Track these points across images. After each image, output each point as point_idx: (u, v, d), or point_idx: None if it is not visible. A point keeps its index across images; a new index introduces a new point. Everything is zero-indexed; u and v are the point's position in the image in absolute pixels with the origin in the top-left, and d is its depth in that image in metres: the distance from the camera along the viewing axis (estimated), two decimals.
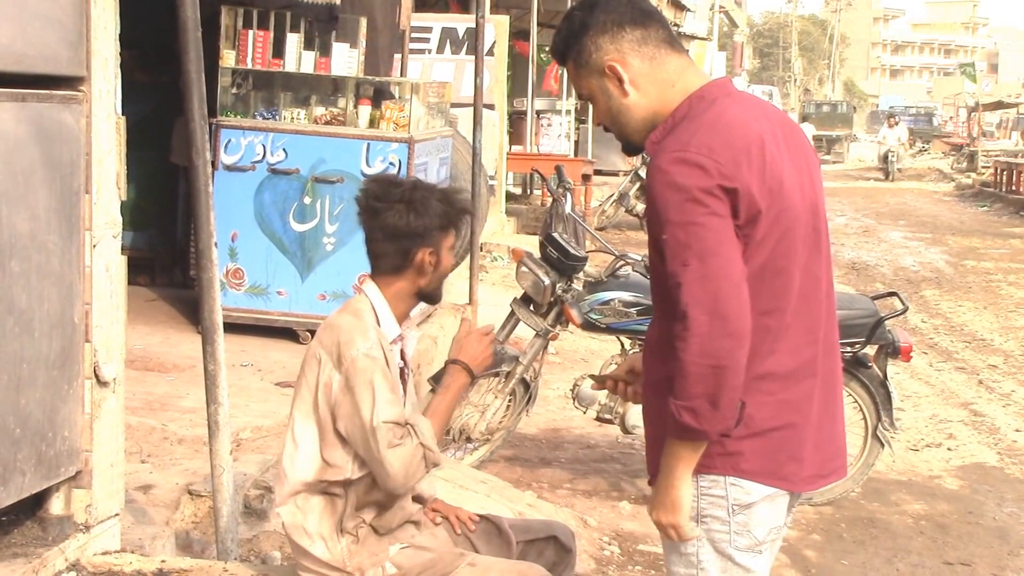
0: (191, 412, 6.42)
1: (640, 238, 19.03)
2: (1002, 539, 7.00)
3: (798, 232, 3.05)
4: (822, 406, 3.13)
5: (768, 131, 3.06)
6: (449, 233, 3.85)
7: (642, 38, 3.12)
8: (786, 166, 3.05)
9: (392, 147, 8.61)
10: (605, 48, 3.11)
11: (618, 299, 6.82)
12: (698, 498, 3.07)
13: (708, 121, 3.02)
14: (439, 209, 3.80)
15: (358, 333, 3.70)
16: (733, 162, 2.93)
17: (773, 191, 2.98)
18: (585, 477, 7.46)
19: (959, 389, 10.60)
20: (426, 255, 3.80)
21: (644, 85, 3.12)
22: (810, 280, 3.10)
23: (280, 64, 8.92)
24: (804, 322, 3.08)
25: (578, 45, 3.15)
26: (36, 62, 3.90)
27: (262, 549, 5.03)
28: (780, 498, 3.12)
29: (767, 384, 3.02)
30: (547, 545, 4.08)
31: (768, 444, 3.04)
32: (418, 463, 3.64)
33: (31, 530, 4.20)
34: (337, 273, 8.64)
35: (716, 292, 2.88)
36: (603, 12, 3.13)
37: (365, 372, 3.63)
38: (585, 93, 3.22)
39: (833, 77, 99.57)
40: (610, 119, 3.20)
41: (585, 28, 3.13)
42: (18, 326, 3.81)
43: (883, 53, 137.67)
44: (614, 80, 3.12)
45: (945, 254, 19.74)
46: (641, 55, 3.11)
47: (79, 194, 4.11)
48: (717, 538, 3.09)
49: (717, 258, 2.90)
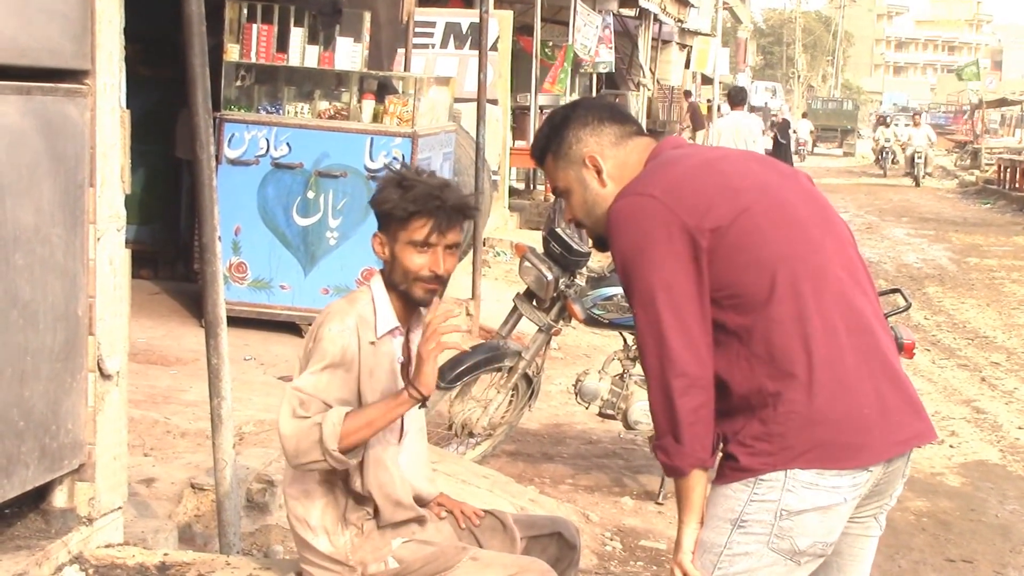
0: (194, 405, 6.43)
1: None
2: (1004, 536, 7.00)
3: (787, 219, 3.14)
4: (879, 376, 3.14)
5: (709, 157, 3.27)
6: (410, 225, 3.66)
7: (619, 132, 3.32)
8: (746, 173, 3.19)
9: (395, 142, 8.62)
10: (585, 140, 3.31)
11: (621, 294, 6.81)
12: (746, 503, 3.10)
13: (651, 168, 3.24)
14: (411, 196, 3.64)
15: (337, 315, 3.71)
16: (668, 191, 3.10)
17: (730, 195, 3.10)
18: (587, 473, 7.47)
19: (962, 386, 10.60)
20: (377, 242, 3.75)
21: (618, 175, 3.29)
22: (822, 260, 3.15)
23: (284, 58, 8.93)
24: (830, 301, 3.12)
25: (558, 137, 3.33)
26: (41, 55, 3.90)
27: (265, 543, 5.04)
28: (835, 510, 3.10)
29: (815, 370, 3.06)
30: (551, 541, 4.07)
31: (828, 428, 3.06)
32: (310, 444, 3.53)
33: (34, 523, 4.20)
34: (340, 267, 8.65)
35: (661, 338, 3.06)
36: (584, 109, 3.38)
37: (320, 344, 3.64)
38: (561, 186, 3.38)
39: (837, 74, 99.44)
40: (585, 211, 3.36)
41: (567, 122, 3.34)
42: (22, 319, 3.81)
43: (887, 50, 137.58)
44: (592, 172, 3.31)
45: (948, 251, 19.74)
46: (616, 148, 3.31)
47: (83, 187, 4.11)
48: (754, 538, 3.12)
49: (661, 307, 3.06)
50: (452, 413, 6.93)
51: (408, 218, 3.66)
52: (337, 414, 3.56)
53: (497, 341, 7.14)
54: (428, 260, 3.69)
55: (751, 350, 3.07)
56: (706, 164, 3.18)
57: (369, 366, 3.70)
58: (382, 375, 3.73)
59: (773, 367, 3.07)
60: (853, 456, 3.08)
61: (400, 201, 3.66)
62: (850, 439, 3.07)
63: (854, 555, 3.34)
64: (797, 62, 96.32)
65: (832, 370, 3.07)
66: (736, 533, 3.11)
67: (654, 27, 29.88)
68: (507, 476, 6.88)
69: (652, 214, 3.07)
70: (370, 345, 3.70)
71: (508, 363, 6.96)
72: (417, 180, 3.70)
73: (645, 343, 3.09)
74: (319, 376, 3.61)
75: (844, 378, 3.09)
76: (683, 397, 3.03)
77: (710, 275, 3.06)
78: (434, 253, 3.69)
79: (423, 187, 3.68)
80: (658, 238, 3.05)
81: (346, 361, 3.64)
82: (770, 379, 3.07)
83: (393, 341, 3.79)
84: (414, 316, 3.88)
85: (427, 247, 3.68)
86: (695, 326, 3.06)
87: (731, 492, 3.13)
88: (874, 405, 3.10)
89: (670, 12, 30.22)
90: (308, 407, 3.56)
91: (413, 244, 3.68)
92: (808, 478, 3.06)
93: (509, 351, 7.00)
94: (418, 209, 3.65)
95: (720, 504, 3.15)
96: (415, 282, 3.71)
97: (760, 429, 3.08)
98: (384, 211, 3.70)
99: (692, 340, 3.05)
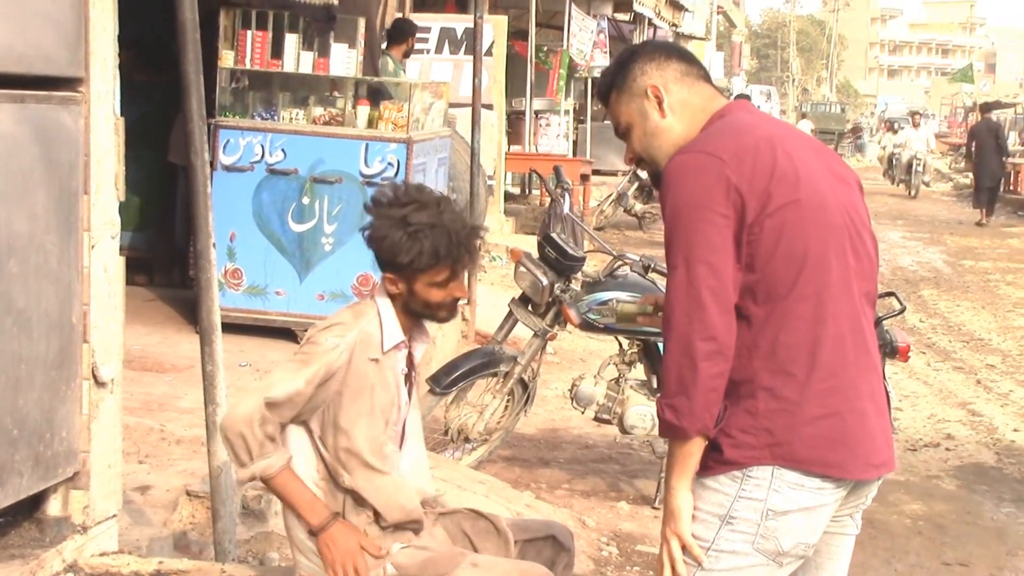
0: (189, 412, 6.42)
1: (639, 238, 19.04)
2: (1000, 539, 7.00)
3: (828, 224, 3.14)
4: (869, 397, 3.19)
5: (780, 135, 3.21)
6: (431, 270, 3.67)
7: (684, 71, 3.34)
8: (807, 166, 3.17)
9: (390, 147, 8.61)
10: (650, 73, 3.32)
11: (616, 299, 6.81)
12: (735, 499, 3.11)
13: (720, 127, 3.22)
14: (430, 246, 3.63)
15: (339, 328, 3.71)
16: (737, 157, 3.08)
17: (788, 182, 3.09)
18: (583, 477, 7.46)
19: (957, 389, 10.60)
20: (388, 282, 3.74)
21: (680, 111, 3.30)
22: (847, 272, 3.17)
23: (279, 64, 8.93)
24: (846, 313, 3.15)
25: (624, 71, 3.35)
26: (35, 63, 3.90)
27: (260, 550, 5.03)
28: (819, 511, 3.14)
29: (814, 373, 3.09)
30: (545, 545, 4.07)
31: (817, 432, 3.09)
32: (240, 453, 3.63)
33: (28, 531, 4.20)
34: (335, 273, 8.64)
35: (698, 299, 3.03)
36: (652, 46, 3.45)
37: (312, 347, 3.66)
38: (624, 121, 3.39)
39: (831, 77, 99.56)
40: (644, 144, 3.36)
41: (634, 56, 3.37)
42: (16, 326, 3.81)
43: (881, 53, 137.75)
44: (654, 102, 3.31)
45: (943, 254, 19.75)
46: (681, 84, 3.32)
47: (78, 195, 4.11)
48: (741, 536, 3.13)
49: (704, 266, 3.05)
50: (448, 418, 6.93)
51: (428, 268, 3.68)
52: (279, 461, 3.63)
53: (493, 346, 7.13)
54: (452, 289, 3.75)
55: (755, 340, 3.09)
56: (774, 142, 3.15)
57: (369, 383, 3.70)
58: (383, 388, 3.74)
59: (773, 361, 3.08)
60: (834, 466, 3.11)
61: (419, 255, 3.64)
62: (833, 450, 3.10)
63: (832, 554, 3.37)
64: (792, 65, 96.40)
65: (832, 379, 3.10)
66: (724, 529, 3.13)
67: (649, 31, 29.87)
68: (503, 481, 6.87)
69: (716, 175, 3.06)
70: (371, 362, 3.70)
71: (504, 368, 6.96)
72: (421, 223, 3.65)
73: (676, 299, 3.06)
74: (297, 383, 3.62)
75: (841, 390, 3.11)
76: (707, 361, 3.02)
77: (745, 254, 3.07)
78: (457, 282, 3.75)
79: (436, 232, 3.66)
80: (716, 200, 3.05)
81: (330, 375, 3.65)
82: (767, 372, 3.09)
83: (398, 355, 3.80)
84: (416, 327, 3.89)
85: (451, 282, 3.73)
86: (731, 295, 3.06)
87: (718, 486, 3.14)
88: (861, 424, 3.15)
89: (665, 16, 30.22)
90: (271, 419, 3.61)
91: (435, 284, 3.71)
92: (794, 478, 3.09)
93: (505, 356, 6.99)
94: (439, 261, 3.67)
95: (708, 498, 3.15)
96: (438, 309, 3.76)
97: (746, 421, 3.10)
98: (400, 262, 3.67)
99: (727, 307, 3.05)
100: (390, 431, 3.80)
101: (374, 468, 3.75)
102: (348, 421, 3.70)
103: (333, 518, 3.69)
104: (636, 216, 20.07)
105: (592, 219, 18.64)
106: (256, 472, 3.63)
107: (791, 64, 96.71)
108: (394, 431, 3.83)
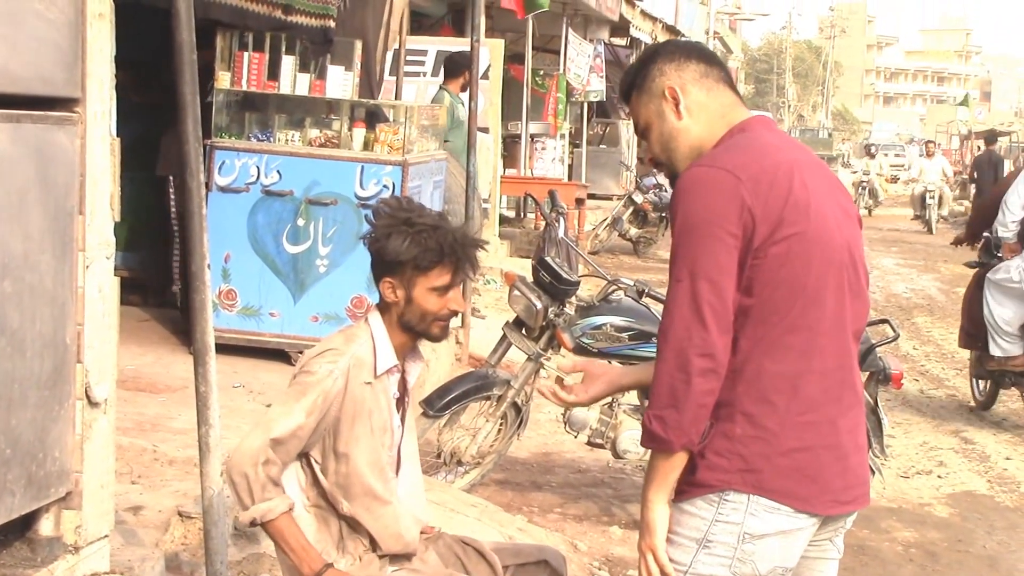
0: (182, 433, 6.41)
1: (633, 263, 19.06)
2: (992, 567, 7.00)
3: (830, 259, 3.14)
4: (848, 433, 3.19)
5: (801, 162, 3.20)
6: (429, 272, 3.71)
7: (704, 72, 3.32)
8: (819, 197, 3.16)
9: (386, 170, 8.62)
10: (668, 74, 3.30)
11: (610, 324, 6.83)
12: (711, 523, 3.12)
13: (740, 143, 3.19)
14: (432, 244, 3.67)
15: (330, 354, 3.71)
16: (754, 178, 3.07)
17: (800, 212, 3.09)
18: (576, 502, 7.46)
19: (950, 416, 10.61)
20: (387, 287, 3.76)
21: (697, 113, 3.29)
22: (842, 309, 3.17)
23: (275, 86, 8.93)
24: (835, 349, 3.16)
25: (644, 70, 3.35)
26: (31, 83, 3.91)
27: (252, 572, 5.02)
28: (795, 535, 3.14)
29: (795, 404, 3.09)
30: (538, 569, 4.08)
31: (790, 464, 3.10)
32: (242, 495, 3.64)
33: (20, 551, 4.18)
34: (330, 295, 8.64)
35: (700, 314, 3.02)
36: (673, 46, 3.41)
37: (307, 377, 3.68)
38: (642, 122, 3.38)
39: (827, 103, 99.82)
40: (661, 145, 3.34)
41: (655, 56, 3.36)
42: (10, 346, 3.81)
43: (877, 80, 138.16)
44: (671, 104, 3.29)
45: (937, 281, 19.78)
46: (699, 86, 3.30)
47: (73, 215, 4.11)
48: (718, 560, 3.13)
49: (708, 283, 3.03)
50: (441, 441, 6.93)
51: (429, 265, 3.69)
52: (281, 506, 3.63)
53: (486, 369, 7.14)
54: (449, 300, 3.75)
55: (741, 364, 3.09)
56: (793, 168, 3.14)
57: (366, 407, 3.71)
58: (377, 411, 3.74)
59: (756, 388, 3.09)
60: (800, 500, 3.12)
61: (423, 252, 3.67)
62: (802, 484, 3.11)
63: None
64: (787, 91, 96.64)
65: (811, 413, 3.11)
66: (701, 553, 3.13)
67: None
68: (496, 505, 6.87)
69: (731, 194, 3.05)
70: (366, 386, 3.71)
71: (497, 391, 6.96)
72: (424, 224, 3.70)
73: (677, 312, 3.05)
74: (298, 417, 3.63)
75: (818, 425, 3.13)
76: (702, 377, 3.02)
77: (745, 277, 3.07)
78: (455, 292, 3.74)
79: (440, 233, 3.69)
80: (729, 219, 3.04)
81: (327, 402, 3.65)
82: (748, 398, 3.09)
83: (390, 379, 3.80)
84: (409, 351, 3.90)
85: (449, 289, 3.72)
86: (730, 316, 3.06)
87: (695, 510, 3.14)
88: (835, 460, 3.16)
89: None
90: (276, 460, 3.62)
91: (435, 290, 3.71)
92: (769, 504, 3.09)
93: (498, 379, 7.00)
94: (443, 259, 3.69)
95: (685, 522, 3.16)
96: (434, 322, 3.75)
97: (722, 444, 3.10)
98: (401, 261, 3.70)
99: (726, 327, 3.04)
100: (385, 455, 3.81)
101: (377, 496, 3.75)
102: (347, 446, 3.70)
103: (326, 568, 3.68)
104: (631, 241, 20.11)
105: (587, 243, 18.68)
106: (256, 516, 3.62)
107: (787, 90, 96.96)
108: (389, 456, 3.83)
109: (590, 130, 26.40)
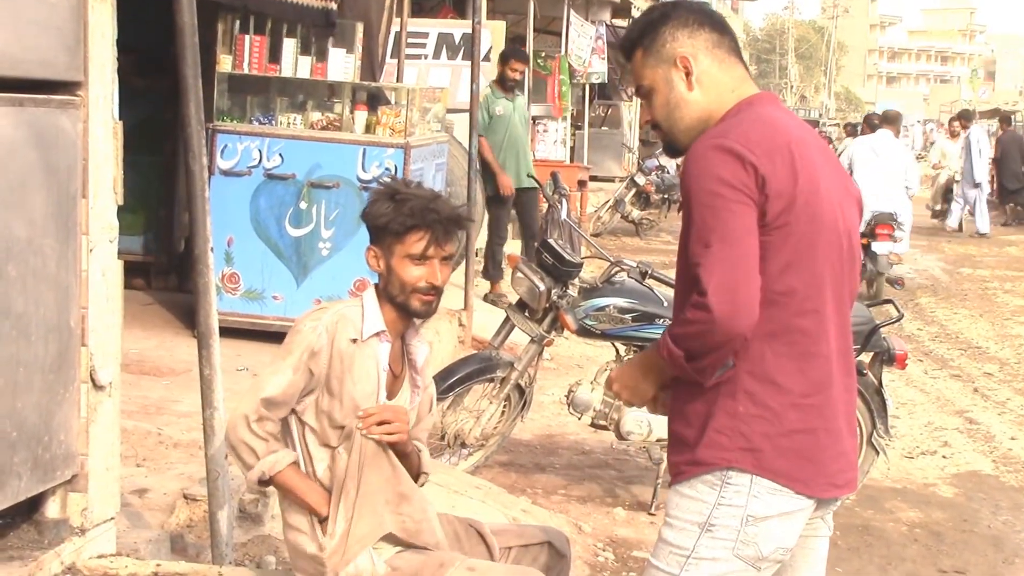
0: (187, 416, 6.42)
1: (636, 245, 19.05)
2: (996, 547, 7.01)
3: (833, 241, 3.12)
4: (844, 417, 3.20)
5: (807, 140, 3.16)
6: (407, 239, 3.71)
7: (716, 42, 3.23)
8: (823, 178, 3.13)
9: (388, 152, 8.62)
10: (681, 40, 3.21)
11: (613, 305, 6.82)
12: (714, 507, 3.11)
13: (749, 117, 3.12)
14: (407, 209, 3.68)
15: (318, 311, 3.80)
16: (767, 154, 3.02)
17: (806, 192, 3.05)
18: (580, 483, 7.47)
19: (954, 397, 10.61)
20: (371, 255, 3.79)
21: (707, 84, 3.21)
22: (842, 294, 3.18)
23: (277, 69, 8.93)
24: (837, 332, 3.16)
25: (654, 32, 3.24)
26: (33, 67, 3.91)
27: (257, 553, 5.03)
28: (796, 515, 3.15)
29: (800, 386, 3.09)
30: (542, 550, 4.08)
31: (791, 445, 3.10)
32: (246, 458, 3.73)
33: (27, 533, 4.20)
34: (332, 278, 8.64)
35: (735, 277, 2.96)
36: (686, 10, 3.26)
37: (294, 336, 3.74)
38: (647, 84, 3.28)
39: (829, 84, 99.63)
40: (665, 113, 3.26)
41: (666, 18, 3.24)
42: (15, 330, 3.82)
43: (880, 60, 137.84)
44: (682, 73, 3.21)
45: (941, 262, 19.75)
46: (712, 56, 3.22)
47: (76, 199, 4.12)
48: (721, 543, 3.13)
49: (740, 245, 2.97)
50: (444, 424, 6.94)
51: (405, 232, 3.71)
52: (286, 457, 3.72)
53: (489, 352, 7.14)
54: (425, 272, 3.74)
55: (746, 343, 3.06)
56: (802, 148, 3.10)
57: (348, 362, 3.72)
58: (363, 375, 3.74)
59: (761, 368, 3.08)
60: (799, 482, 3.12)
61: (396, 215, 3.70)
62: (801, 467, 3.11)
63: (807, 557, 3.38)
64: (790, 72, 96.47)
65: (816, 396, 3.11)
66: (704, 537, 3.12)
67: None
68: (499, 487, 6.87)
69: (748, 167, 2.99)
70: (351, 343, 3.73)
71: (500, 374, 6.97)
72: (410, 193, 3.74)
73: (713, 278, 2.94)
74: (286, 374, 3.71)
75: (821, 407, 3.12)
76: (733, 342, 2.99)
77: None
78: (431, 265, 3.74)
79: (418, 200, 3.72)
80: (749, 187, 2.98)
81: (314, 356, 3.69)
82: (752, 377, 3.08)
83: (380, 346, 3.79)
84: (409, 328, 3.90)
85: (424, 260, 3.73)
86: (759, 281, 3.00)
87: (696, 494, 3.13)
88: (833, 443, 3.17)
89: None
90: (270, 417, 3.72)
91: (410, 257, 3.72)
92: (772, 484, 3.09)
93: (501, 362, 7.00)
94: (415, 223, 3.69)
95: (686, 506, 3.15)
96: (413, 294, 3.75)
97: (723, 422, 3.09)
98: (379, 225, 3.74)
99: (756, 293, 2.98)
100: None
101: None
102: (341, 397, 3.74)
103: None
104: (633, 223, 20.09)
105: (589, 225, 18.66)
106: (265, 469, 3.69)
107: (789, 71, 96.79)
108: None
109: (592, 112, 26.34)
